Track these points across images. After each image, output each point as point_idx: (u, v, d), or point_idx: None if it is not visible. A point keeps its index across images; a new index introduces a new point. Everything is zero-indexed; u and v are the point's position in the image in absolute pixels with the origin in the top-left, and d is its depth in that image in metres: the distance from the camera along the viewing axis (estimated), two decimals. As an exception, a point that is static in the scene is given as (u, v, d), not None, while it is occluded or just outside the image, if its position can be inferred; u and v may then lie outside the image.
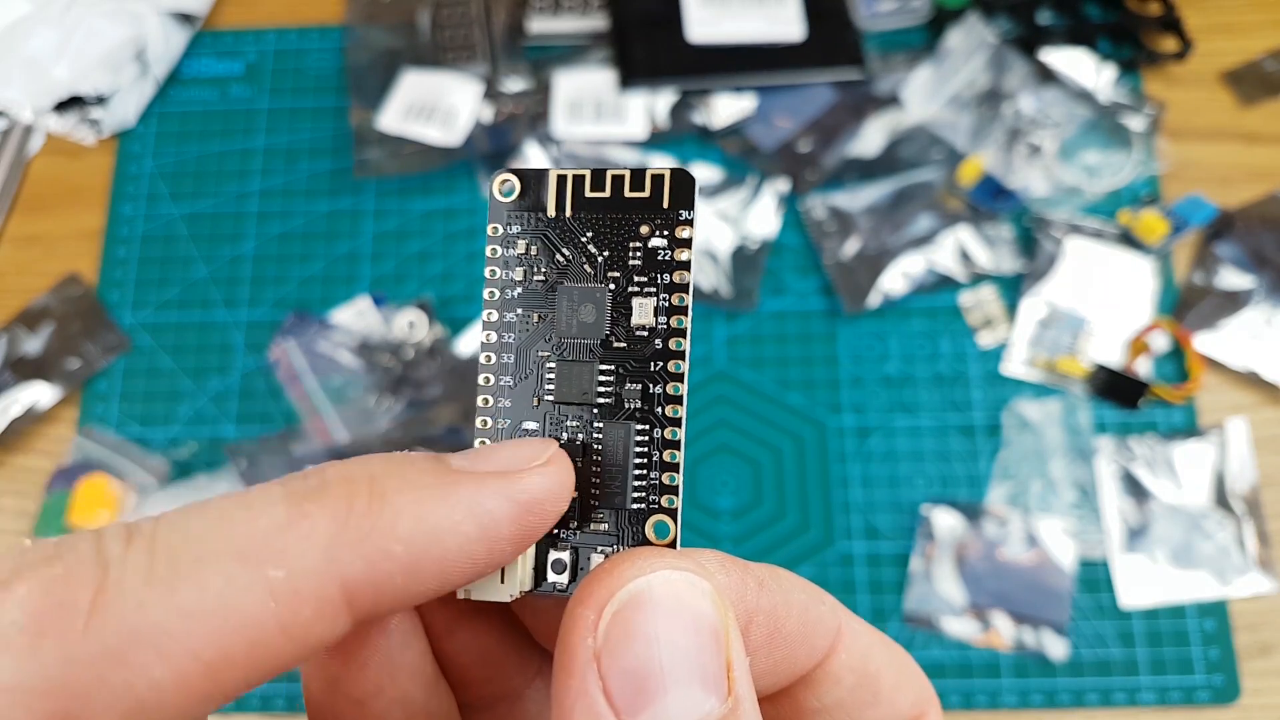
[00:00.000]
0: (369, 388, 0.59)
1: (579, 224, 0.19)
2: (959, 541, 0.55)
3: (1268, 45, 0.67)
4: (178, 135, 0.68)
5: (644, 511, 0.18)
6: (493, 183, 0.19)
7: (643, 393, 0.18)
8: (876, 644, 0.20)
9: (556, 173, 0.19)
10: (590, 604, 0.16)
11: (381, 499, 0.15)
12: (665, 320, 0.18)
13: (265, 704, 0.54)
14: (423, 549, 0.15)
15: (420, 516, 0.15)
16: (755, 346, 0.61)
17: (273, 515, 0.14)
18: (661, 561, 0.16)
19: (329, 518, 0.14)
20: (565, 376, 0.19)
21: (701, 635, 0.15)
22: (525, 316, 0.19)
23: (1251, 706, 0.52)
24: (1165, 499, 0.56)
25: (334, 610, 0.14)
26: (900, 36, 0.68)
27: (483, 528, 0.15)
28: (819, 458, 0.58)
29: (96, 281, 0.64)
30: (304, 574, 0.14)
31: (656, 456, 0.18)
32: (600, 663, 0.15)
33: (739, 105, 0.66)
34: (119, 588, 0.13)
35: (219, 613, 0.13)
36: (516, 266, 0.19)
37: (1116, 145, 0.64)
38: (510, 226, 0.19)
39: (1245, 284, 0.60)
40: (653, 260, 0.19)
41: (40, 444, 0.61)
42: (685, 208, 0.19)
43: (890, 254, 0.61)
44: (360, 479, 0.15)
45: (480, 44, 0.68)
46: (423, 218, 0.65)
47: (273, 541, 0.14)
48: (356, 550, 0.14)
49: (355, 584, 0.14)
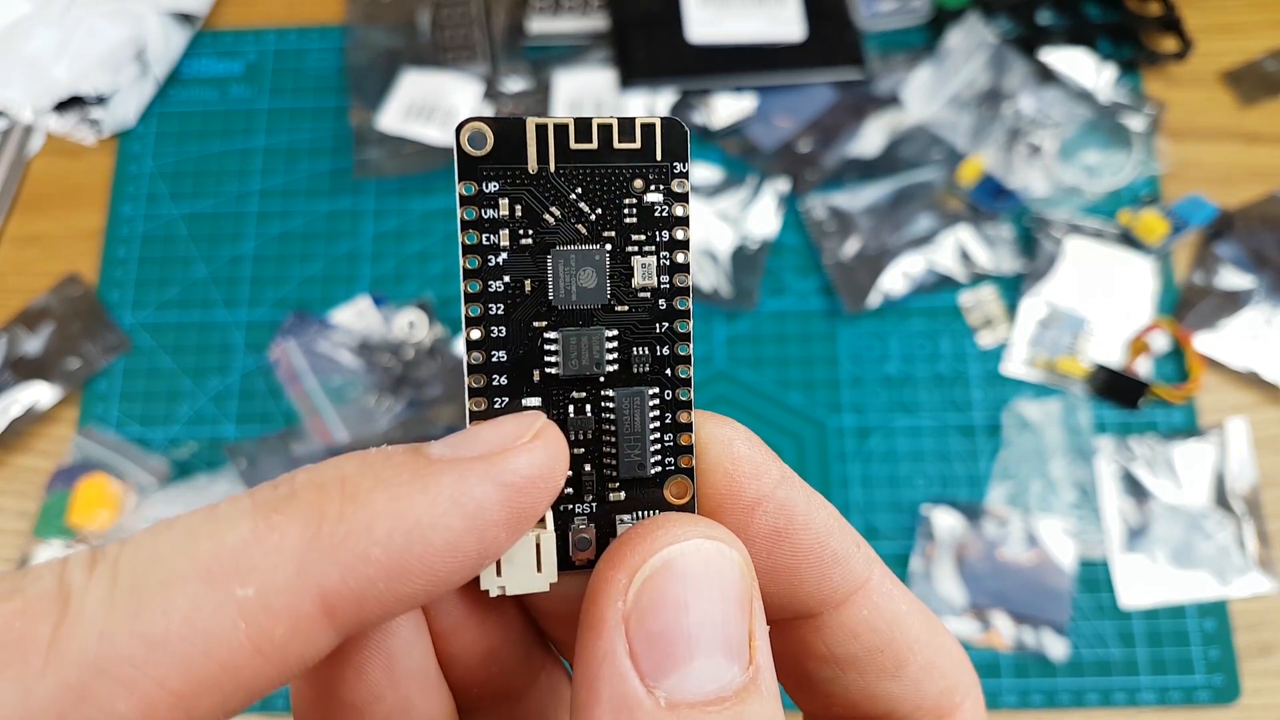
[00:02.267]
0: (369, 388, 0.59)
1: (565, 179, 0.17)
2: (959, 541, 0.55)
3: (1268, 45, 0.67)
4: (178, 135, 0.68)
5: (661, 475, 0.18)
6: (459, 133, 0.17)
7: (651, 356, 0.18)
8: (916, 616, 0.19)
9: (535, 121, 0.17)
10: (623, 567, 0.16)
11: (355, 501, 0.14)
12: (668, 279, 0.18)
13: (265, 705, 0.54)
14: (404, 549, 0.14)
15: (398, 515, 0.14)
16: (755, 346, 0.61)
17: (239, 530, 0.13)
18: (694, 530, 0.16)
19: (299, 527, 0.13)
20: (571, 347, 0.17)
21: (729, 605, 0.15)
22: (514, 285, 0.17)
23: (1251, 706, 0.52)
24: (1165, 499, 0.56)
25: (312, 625, 0.13)
26: (900, 36, 0.68)
27: (469, 518, 0.14)
28: (819, 458, 0.58)
29: (96, 281, 0.64)
30: (275, 590, 0.13)
31: (670, 418, 0.18)
32: (629, 625, 0.15)
33: (739, 105, 0.66)
34: (79, 618, 0.12)
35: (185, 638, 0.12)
36: (500, 229, 0.17)
37: (1116, 145, 0.64)
38: (487, 185, 0.17)
39: (1245, 284, 0.60)
40: (649, 217, 0.17)
41: (40, 444, 0.61)
42: (679, 160, 0.17)
43: (890, 254, 0.61)
44: (331, 482, 0.14)
45: (480, 44, 0.68)
46: (423, 218, 0.65)
47: (240, 558, 0.13)
48: (331, 559, 0.13)
49: (333, 595, 0.13)
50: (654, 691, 0.15)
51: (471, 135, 0.17)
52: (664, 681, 0.15)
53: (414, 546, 0.14)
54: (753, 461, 0.17)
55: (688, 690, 0.15)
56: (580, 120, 0.17)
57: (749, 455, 0.17)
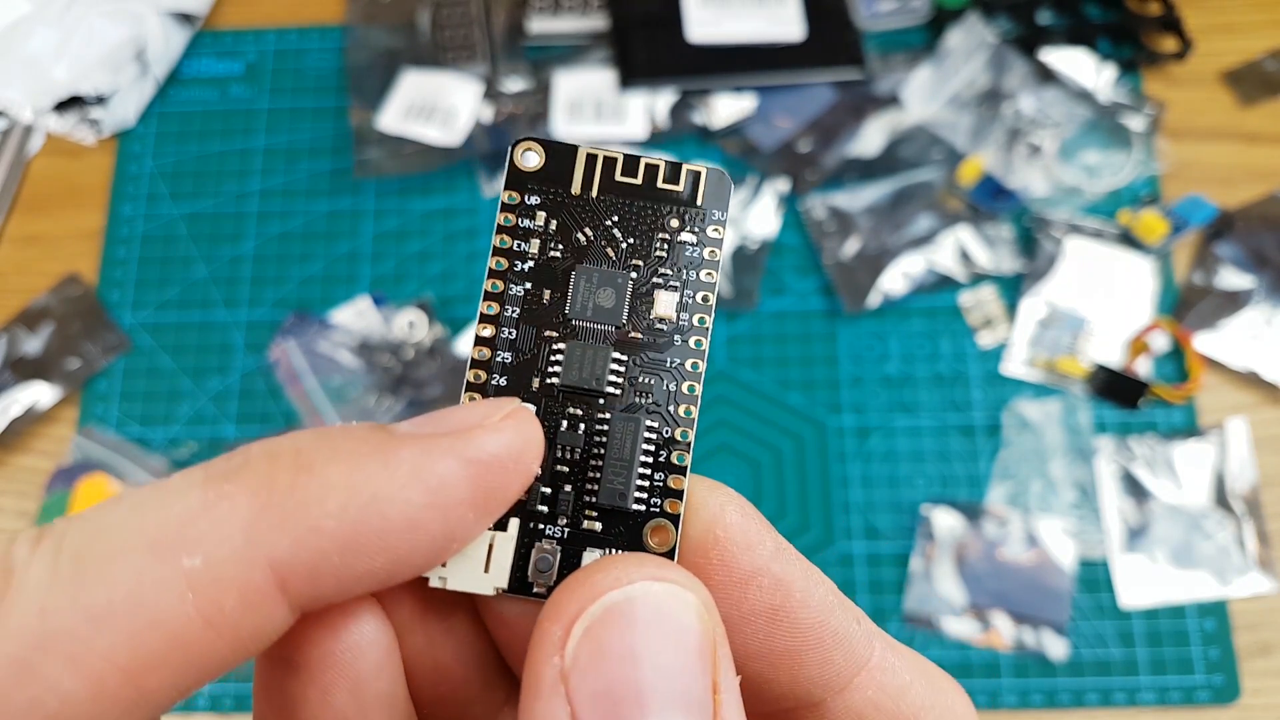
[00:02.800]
0: (369, 388, 0.59)
1: (604, 206, 0.18)
2: (959, 541, 0.55)
3: (1268, 45, 0.67)
4: (178, 135, 0.68)
5: (644, 515, 0.17)
6: (514, 149, 0.18)
7: (657, 387, 0.17)
8: (918, 682, 0.18)
9: (587, 150, 0.18)
10: (559, 618, 0.14)
11: (309, 471, 0.13)
12: (688, 317, 0.18)
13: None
14: (359, 520, 0.13)
15: (354, 487, 0.13)
16: (755, 346, 0.61)
17: (188, 500, 0.13)
18: (642, 570, 0.14)
19: (249, 496, 0.13)
20: (575, 358, 0.17)
21: (686, 654, 0.14)
22: (534, 292, 0.18)
23: (1251, 706, 0.52)
24: (1165, 499, 0.56)
25: (264, 598, 0.13)
26: (900, 36, 0.68)
27: (431, 492, 0.14)
28: (819, 458, 0.58)
29: (96, 281, 0.64)
30: (223, 560, 0.13)
31: (664, 456, 0.17)
32: (568, 684, 0.13)
33: (739, 105, 0.66)
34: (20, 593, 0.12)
35: (130, 611, 0.12)
36: (531, 239, 0.18)
37: (1116, 145, 0.64)
38: (529, 197, 0.18)
39: (1245, 284, 0.60)
40: (680, 255, 0.18)
41: (40, 444, 0.61)
42: (720, 208, 0.18)
43: (890, 254, 0.61)
44: (285, 452, 0.14)
45: (480, 44, 0.68)
46: (423, 218, 0.65)
47: (187, 528, 0.13)
48: (282, 529, 0.13)
49: (286, 566, 0.13)
50: None
51: (525, 153, 0.18)
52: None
53: (370, 520, 0.13)
54: (745, 531, 0.16)
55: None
56: (630, 156, 0.18)
57: (741, 524, 0.16)
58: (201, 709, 0.54)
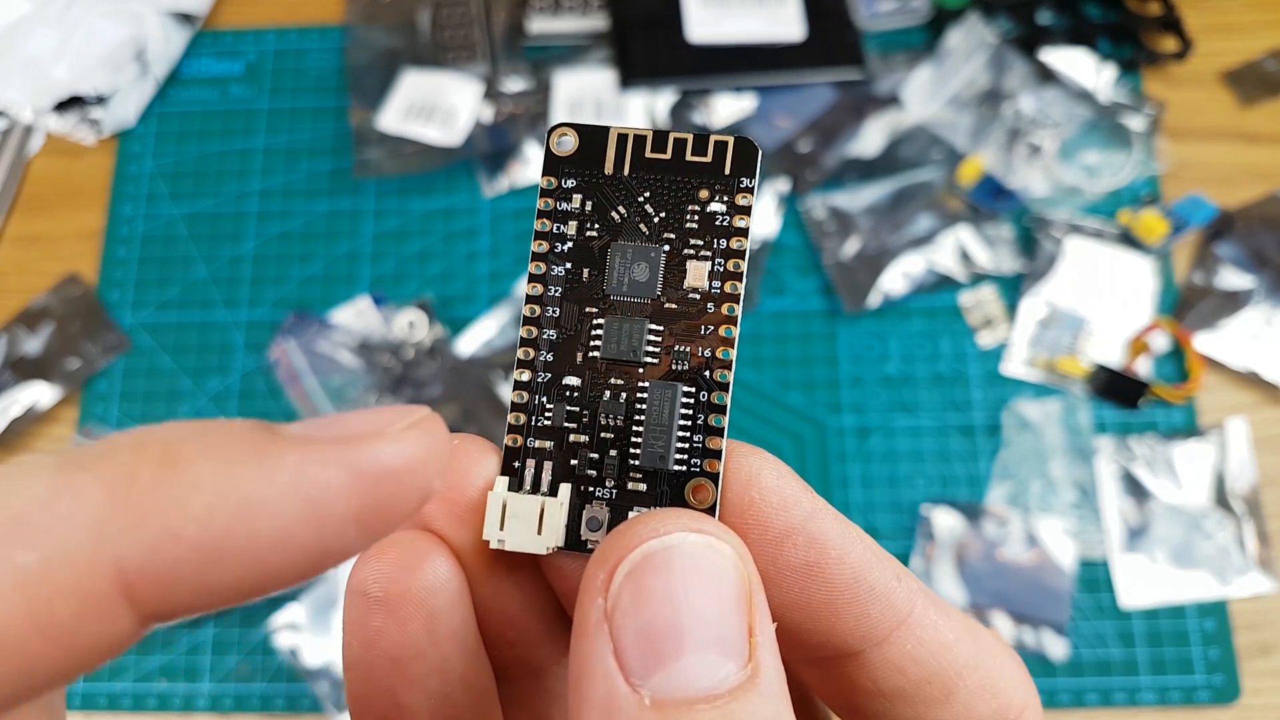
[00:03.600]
0: (369, 388, 0.59)
1: (636, 183, 0.19)
2: (959, 541, 0.55)
3: (1268, 45, 0.67)
4: (178, 135, 0.68)
5: (685, 474, 0.18)
6: (550, 135, 0.19)
7: (691, 355, 0.18)
8: (963, 640, 0.18)
9: (618, 130, 0.19)
10: (603, 564, 0.15)
11: (174, 467, 0.12)
12: (720, 285, 0.18)
13: (265, 704, 0.54)
14: (225, 530, 0.12)
15: (222, 491, 0.12)
16: (755, 346, 0.61)
17: (33, 488, 0.11)
18: (679, 523, 0.15)
19: (102, 489, 0.11)
20: (613, 332, 0.18)
21: (721, 600, 0.15)
22: (574, 271, 0.19)
23: (1251, 706, 0.52)
24: (1165, 499, 0.56)
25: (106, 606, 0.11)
26: (900, 36, 0.68)
27: (309, 503, 0.12)
28: (819, 458, 0.58)
29: (96, 281, 0.64)
30: (62, 560, 0.11)
31: (702, 419, 0.18)
32: (611, 623, 0.14)
33: (739, 105, 0.66)
34: None
35: None
36: (569, 220, 0.19)
37: (1116, 145, 0.64)
38: (565, 180, 0.19)
39: (1245, 284, 0.60)
40: (710, 224, 0.18)
41: (40, 444, 0.61)
42: (747, 176, 0.19)
43: (890, 254, 0.61)
44: (152, 444, 0.12)
45: (480, 44, 0.68)
46: (423, 218, 0.65)
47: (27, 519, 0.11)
48: (134, 531, 0.11)
49: (134, 573, 0.11)
50: (639, 690, 0.14)
51: (560, 138, 0.19)
52: (650, 679, 0.14)
53: (236, 529, 0.12)
54: (780, 493, 0.17)
55: (676, 688, 0.14)
56: (659, 132, 0.19)
57: (776, 487, 0.17)
58: (201, 709, 0.54)
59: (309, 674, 0.54)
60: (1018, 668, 0.19)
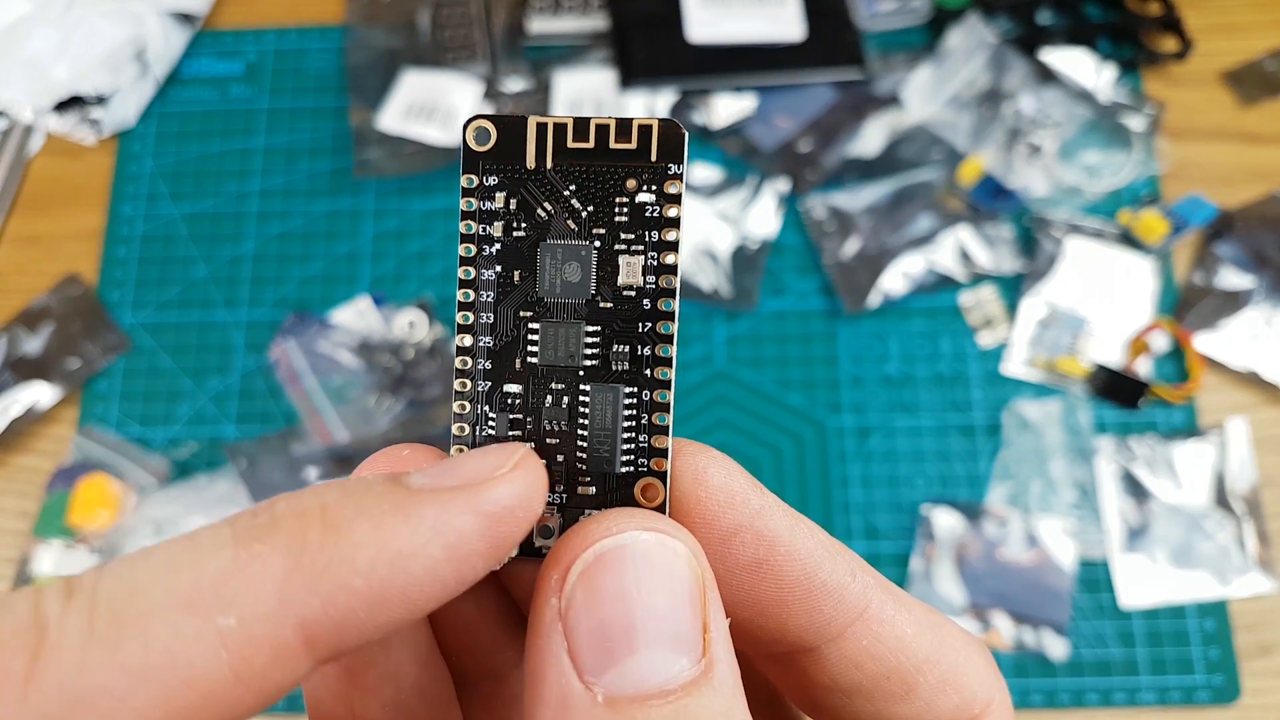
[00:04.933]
0: (369, 388, 0.59)
1: (560, 176, 0.18)
2: (959, 541, 0.55)
3: (1268, 45, 0.67)
4: (178, 135, 0.68)
5: (632, 475, 0.18)
6: (466, 130, 0.18)
7: (631, 354, 0.18)
8: (923, 635, 0.18)
9: (536, 120, 0.18)
10: (556, 564, 0.15)
11: (336, 530, 0.14)
12: (654, 280, 0.17)
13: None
14: (386, 579, 0.14)
15: (381, 545, 0.14)
16: (755, 346, 0.61)
17: (220, 559, 0.13)
18: (631, 521, 0.15)
19: (281, 556, 0.13)
20: (549, 338, 0.18)
21: (674, 595, 0.15)
22: (504, 275, 0.18)
23: (1251, 706, 0.52)
24: (1165, 499, 0.56)
25: (292, 654, 0.13)
26: (900, 36, 0.68)
27: (450, 548, 0.14)
28: (819, 458, 0.58)
29: (96, 281, 0.64)
30: (257, 620, 0.13)
31: (645, 419, 0.18)
32: (565, 622, 0.15)
33: (739, 105, 0.66)
34: (57, 650, 0.12)
35: (167, 668, 0.12)
36: (495, 221, 0.18)
37: (1116, 145, 0.64)
38: (486, 178, 0.18)
39: (1245, 284, 0.60)
40: (640, 216, 0.17)
41: (40, 444, 0.61)
42: (674, 161, 0.17)
43: (890, 254, 0.61)
44: (312, 511, 0.14)
45: (480, 44, 0.68)
46: (423, 218, 0.65)
47: (221, 587, 0.13)
48: (312, 588, 0.13)
49: (314, 625, 0.13)
50: (592, 688, 0.14)
51: (477, 131, 0.18)
52: (603, 677, 0.14)
53: (396, 577, 0.14)
54: (727, 490, 0.17)
55: (629, 684, 0.14)
56: (579, 120, 0.18)
57: (723, 484, 0.17)
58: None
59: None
60: (984, 662, 0.19)
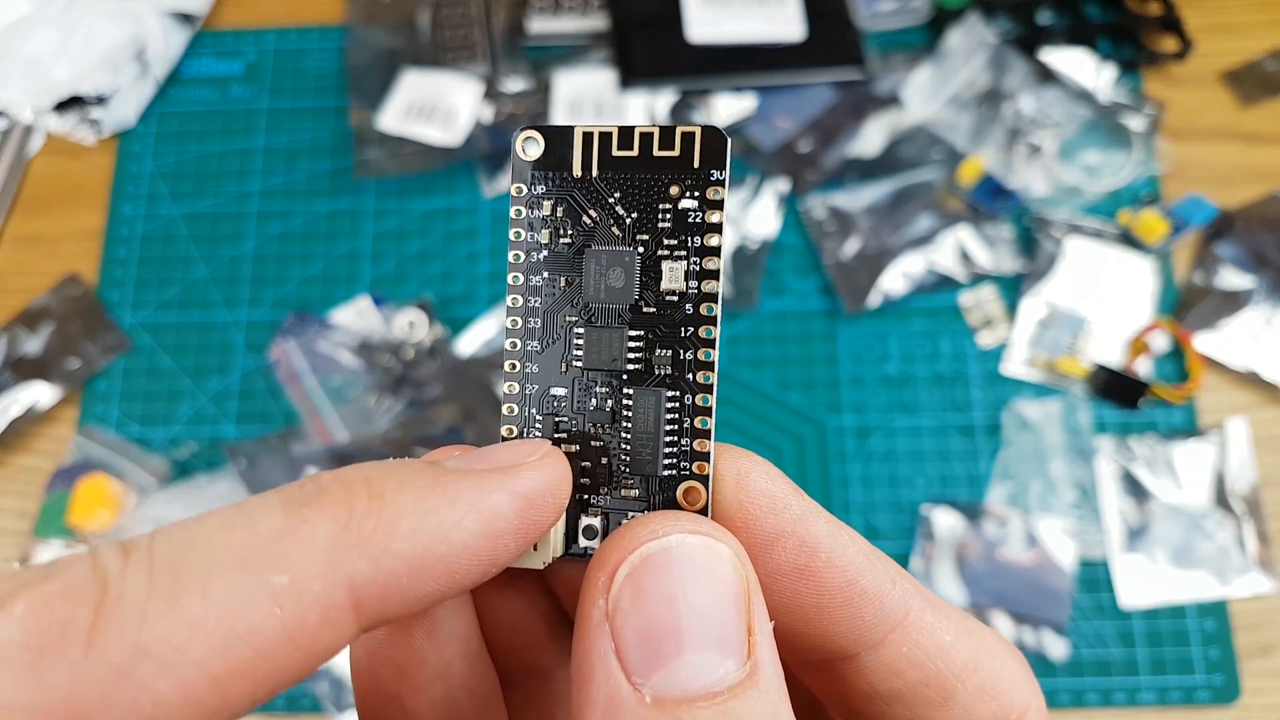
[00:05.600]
0: (369, 388, 0.59)
1: (606, 184, 0.18)
2: (959, 541, 0.55)
3: (1268, 45, 0.67)
4: (178, 135, 0.68)
5: (675, 478, 0.18)
6: (516, 140, 0.18)
7: (673, 359, 0.18)
8: (962, 641, 0.18)
9: (582, 129, 0.18)
10: (604, 566, 0.16)
11: (381, 499, 0.14)
12: (696, 285, 0.18)
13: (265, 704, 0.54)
14: (428, 546, 0.14)
15: (423, 514, 0.14)
16: (755, 346, 0.61)
17: (271, 521, 0.14)
18: (677, 525, 0.16)
19: (329, 520, 0.14)
20: (594, 342, 0.18)
21: (720, 598, 0.15)
22: (552, 280, 0.18)
23: (1251, 706, 0.52)
24: (1165, 499, 0.56)
25: (341, 615, 0.14)
26: (900, 36, 0.68)
27: (486, 522, 0.15)
28: (819, 458, 0.58)
29: (96, 281, 0.64)
30: (309, 578, 0.13)
31: (688, 423, 0.18)
32: (612, 623, 0.15)
33: (739, 105, 0.66)
34: (119, 602, 0.12)
35: (224, 621, 0.13)
36: (542, 228, 0.18)
37: (1116, 145, 0.64)
38: (535, 186, 0.18)
39: (1245, 284, 0.60)
40: (683, 222, 0.18)
41: (40, 444, 0.61)
42: (717, 168, 0.18)
43: (890, 254, 0.61)
44: (357, 481, 0.15)
45: (480, 44, 0.68)
46: (423, 218, 0.65)
47: (274, 547, 0.13)
48: (361, 551, 0.14)
49: (362, 586, 0.14)
50: (640, 688, 0.14)
51: (526, 141, 0.18)
52: (651, 678, 0.14)
53: (437, 545, 0.14)
54: (770, 496, 0.17)
55: (676, 686, 0.14)
56: (624, 129, 0.18)
57: (766, 490, 0.17)
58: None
59: (308, 675, 0.54)
60: (1020, 668, 0.19)
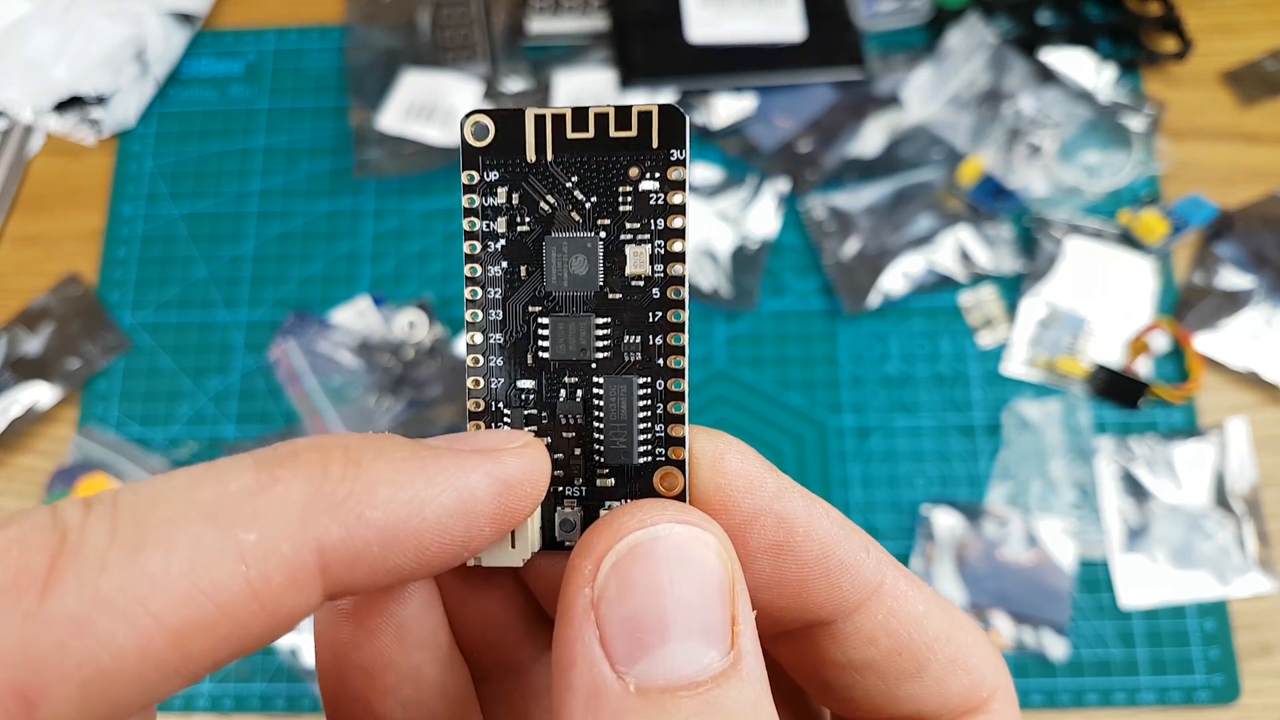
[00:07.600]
0: (369, 388, 0.59)
1: (562, 168, 0.17)
2: (959, 541, 0.55)
3: (1268, 45, 0.67)
4: (178, 135, 0.68)
5: (650, 465, 0.18)
6: (463, 125, 0.18)
7: (642, 345, 0.17)
8: (934, 614, 0.18)
9: (534, 112, 0.17)
10: (589, 555, 0.15)
11: (358, 465, 0.14)
12: (662, 268, 0.17)
13: (265, 704, 0.54)
14: (401, 519, 0.14)
15: (399, 484, 0.14)
16: (755, 346, 0.61)
17: (243, 480, 0.14)
18: (664, 514, 0.16)
19: (304, 481, 0.14)
20: (560, 333, 0.18)
21: (706, 589, 0.15)
22: (511, 270, 0.18)
23: (1251, 706, 0.52)
24: (1165, 499, 0.56)
25: (308, 578, 0.14)
26: (900, 36, 0.68)
27: (462, 502, 0.15)
28: (819, 458, 0.58)
29: (96, 281, 0.64)
30: (277, 538, 0.13)
31: (660, 409, 0.17)
32: (597, 612, 0.15)
33: (739, 105, 0.66)
34: (78, 551, 0.12)
35: (187, 575, 0.12)
36: (498, 217, 0.18)
37: (1116, 145, 0.64)
38: (487, 174, 0.18)
39: (1245, 284, 0.60)
40: (645, 205, 0.17)
41: (40, 444, 0.61)
42: (676, 147, 0.17)
43: (890, 254, 0.61)
44: (334, 447, 0.14)
45: (480, 44, 0.68)
46: (423, 218, 0.65)
47: (244, 504, 0.13)
48: (333, 515, 0.14)
49: (331, 550, 0.14)
50: (624, 677, 0.14)
51: (475, 126, 0.18)
52: (635, 667, 0.14)
53: (410, 518, 0.14)
54: (745, 475, 0.17)
55: (660, 675, 0.14)
56: (578, 110, 0.17)
57: (741, 469, 0.17)
58: (201, 709, 0.54)
59: (309, 674, 0.54)
60: (990, 648, 0.19)
